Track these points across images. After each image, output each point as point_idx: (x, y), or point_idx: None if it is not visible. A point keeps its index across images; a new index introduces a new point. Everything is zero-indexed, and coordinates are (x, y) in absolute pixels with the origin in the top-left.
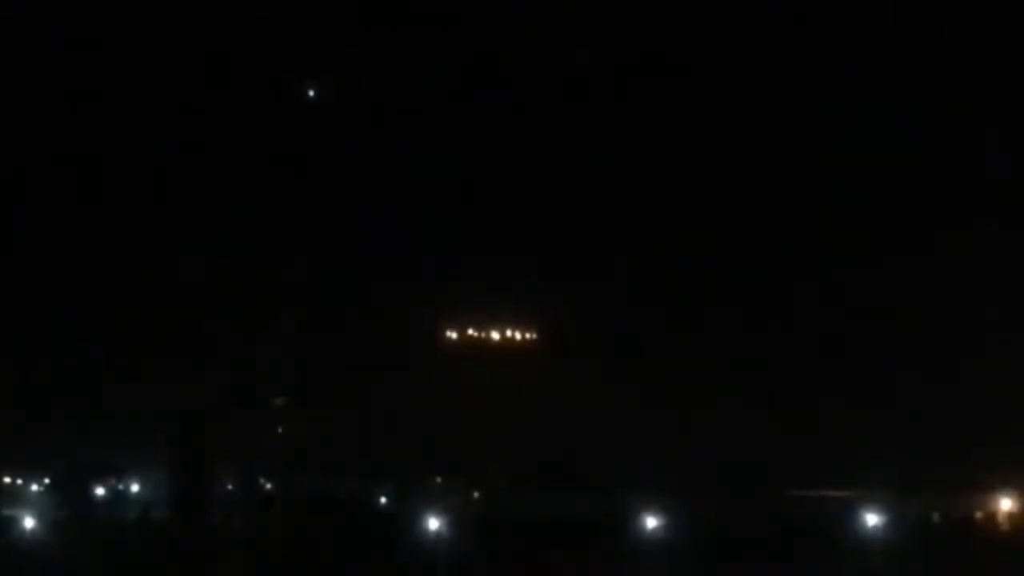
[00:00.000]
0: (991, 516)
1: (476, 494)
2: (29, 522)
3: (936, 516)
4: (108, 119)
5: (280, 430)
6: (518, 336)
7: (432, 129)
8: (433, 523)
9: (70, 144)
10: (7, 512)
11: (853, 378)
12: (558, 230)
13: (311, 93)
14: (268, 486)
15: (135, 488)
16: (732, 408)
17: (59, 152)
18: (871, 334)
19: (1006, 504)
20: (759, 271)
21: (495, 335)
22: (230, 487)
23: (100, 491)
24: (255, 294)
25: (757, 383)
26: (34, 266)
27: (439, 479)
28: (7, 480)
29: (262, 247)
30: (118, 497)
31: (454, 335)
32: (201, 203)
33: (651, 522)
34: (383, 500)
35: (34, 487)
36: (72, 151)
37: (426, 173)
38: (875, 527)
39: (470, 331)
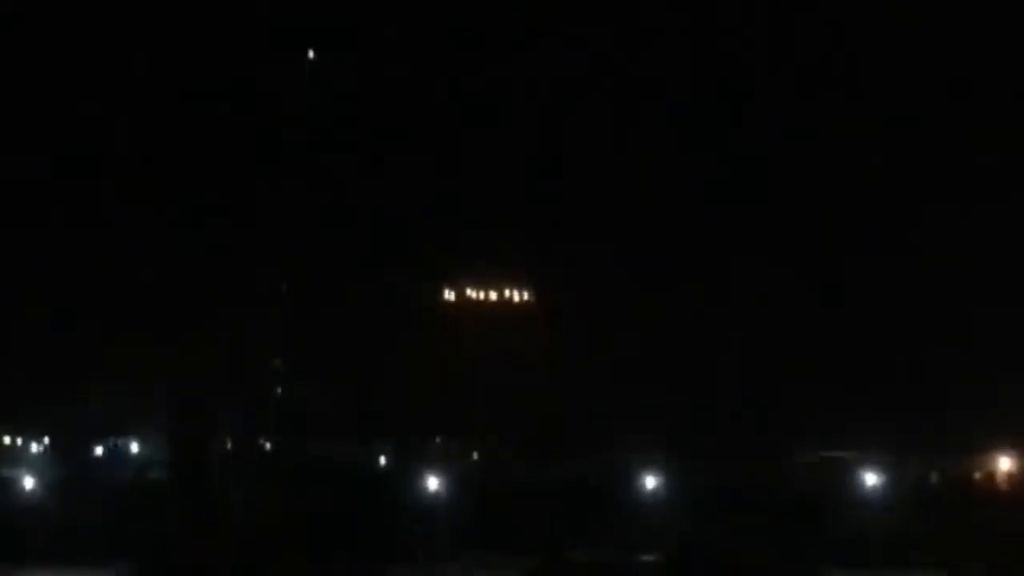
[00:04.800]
0: (990, 476)
1: (475, 455)
2: (28, 482)
3: (935, 476)
4: (107, 104)
5: (279, 391)
6: (516, 297)
7: (430, 101)
8: (432, 484)
9: (66, 130)
10: (6, 473)
11: (851, 338)
12: (556, 192)
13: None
14: (267, 446)
15: (134, 448)
16: (732, 370)
17: (56, 139)
18: (869, 293)
19: (1005, 464)
20: (761, 239)
21: (493, 295)
22: (229, 447)
23: (99, 451)
24: (254, 261)
25: (757, 346)
26: (36, 246)
27: (438, 440)
28: (7, 441)
29: (260, 217)
30: (117, 457)
31: (452, 296)
32: (199, 177)
33: (651, 483)
34: (382, 461)
35: (34, 447)
36: (68, 136)
37: (423, 140)
38: (874, 487)
39: (468, 292)
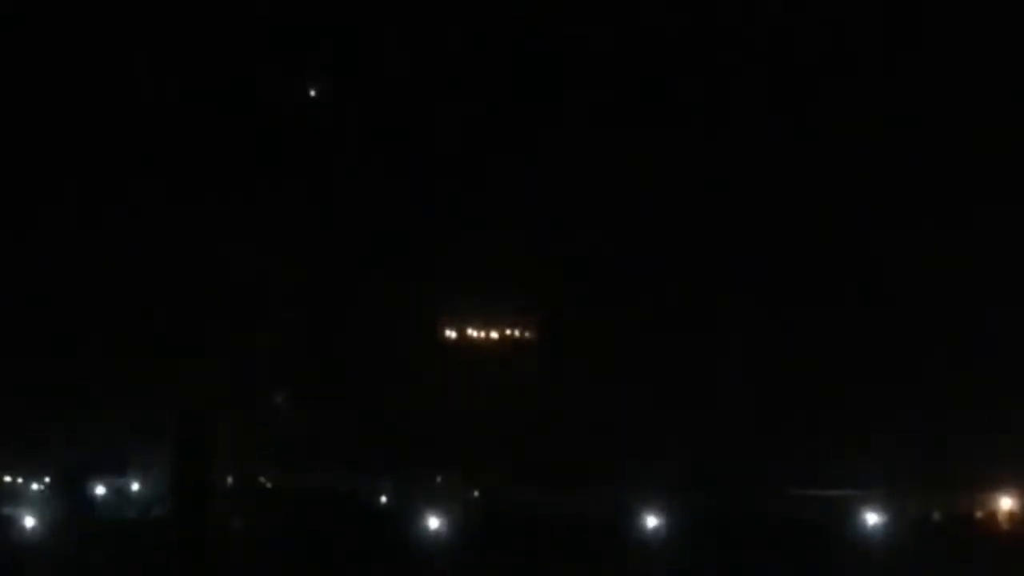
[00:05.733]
0: (992, 515)
1: (476, 492)
2: (29, 521)
3: (937, 515)
4: (108, 116)
5: (280, 426)
6: (517, 334)
7: (432, 126)
8: (433, 521)
9: (67, 141)
10: (7, 511)
11: (853, 376)
12: (558, 227)
13: (312, 92)
14: (268, 484)
15: (135, 486)
16: (732, 405)
17: (56, 149)
18: (871, 331)
19: (1007, 503)
20: (758, 268)
21: (494, 334)
22: (230, 482)
23: (100, 489)
24: (254, 291)
25: (756, 380)
26: (33, 265)
27: (439, 477)
28: (7, 479)
29: (260, 244)
30: (118, 495)
31: (453, 334)
32: (199, 199)
33: (651, 520)
34: (383, 498)
35: (34, 486)
36: (69, 148)
37: (426, 171)
38: (875, 525)
39: (469, 330)
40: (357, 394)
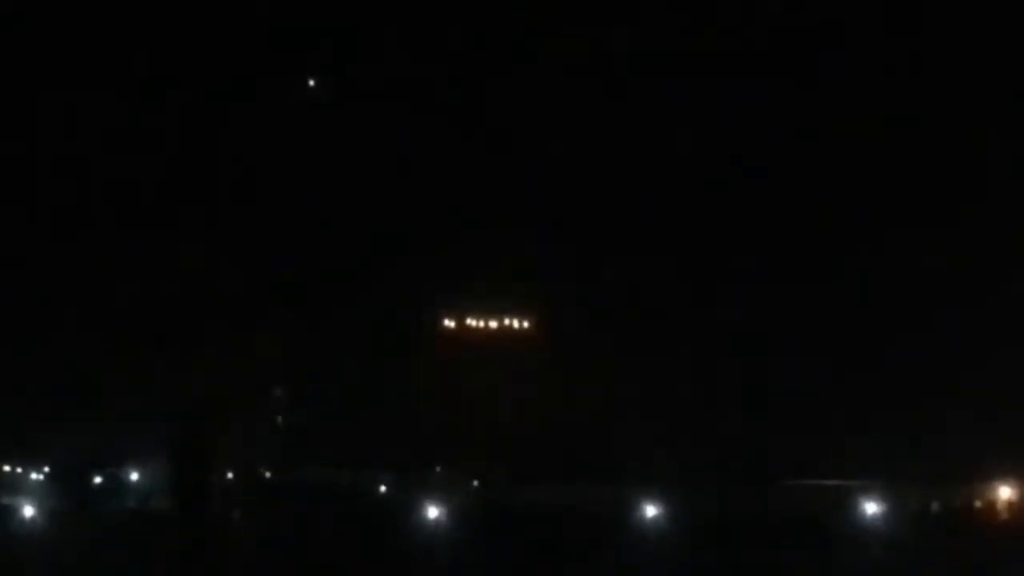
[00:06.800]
0: (991, 505)
1: (475, 483)
2: (28, 511)
3: (935, 505)
4: (105, 115)
5: (280, 420)
6: (516, 325)
7: (429, 118)
8: (432, 513)
9: (66, 141)
10: (7, 500)
11: (851, 367)
12: (559, 218)
13: (311, 83)
14: (268, 475)
15: (134, 477)
16: (731, 397)
17: (56, 150)
18: (869, 322)
19: (1005, 493)
20: (757, 264)
21: (493, 324)
22: (230, 477)
23: (99, 480)
24: (253, 285)
25: (756, 373)
26: (35, 262)
27: (438, 469)
28: (7, 469)
29: (259, 238)
30: (117, 486)
31: (452, 324)
32: (199, 199)
33: (651, 512)
34: (382, 489)
35: (33, 476)
36: (66, 148)
37: (422, 161)
38: (874, 516)
39: (468, 320)
40: (356, 387)
